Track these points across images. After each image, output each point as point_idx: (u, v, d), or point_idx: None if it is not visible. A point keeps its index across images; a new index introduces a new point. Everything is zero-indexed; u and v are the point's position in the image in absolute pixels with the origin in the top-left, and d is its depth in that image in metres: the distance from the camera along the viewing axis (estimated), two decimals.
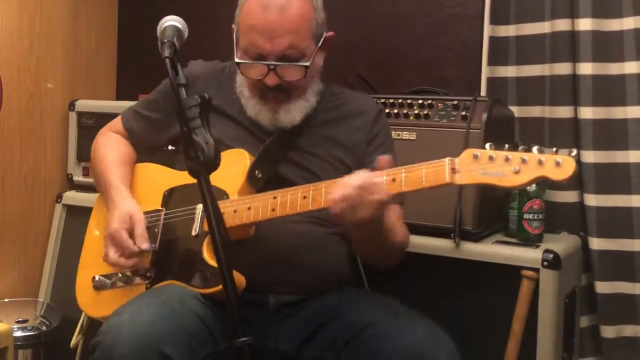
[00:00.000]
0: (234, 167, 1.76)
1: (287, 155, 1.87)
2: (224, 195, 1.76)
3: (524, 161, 1.35)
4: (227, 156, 1.59)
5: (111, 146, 2.05)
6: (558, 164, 1.32)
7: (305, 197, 1.62)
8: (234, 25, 1.88)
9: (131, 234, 1.78)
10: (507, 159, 1.37)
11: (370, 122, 1.96)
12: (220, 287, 1.61)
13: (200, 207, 1.79)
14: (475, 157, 1.41)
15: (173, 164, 2.00)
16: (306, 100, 1.88)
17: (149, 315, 1.54)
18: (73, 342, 2.06)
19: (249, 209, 1.70)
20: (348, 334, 1.69)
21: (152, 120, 2.04)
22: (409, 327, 1.65)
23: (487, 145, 1.42)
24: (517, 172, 1.36)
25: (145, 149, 2.09)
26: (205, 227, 1.73)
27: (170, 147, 2.37)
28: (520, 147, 1.39)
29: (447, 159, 1.45)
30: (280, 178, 1.84)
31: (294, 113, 1.86)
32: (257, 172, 1.81)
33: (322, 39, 1.85)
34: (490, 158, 1.39)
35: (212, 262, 1.70)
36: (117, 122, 2.11)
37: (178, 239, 1.81)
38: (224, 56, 2.06)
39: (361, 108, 1.99)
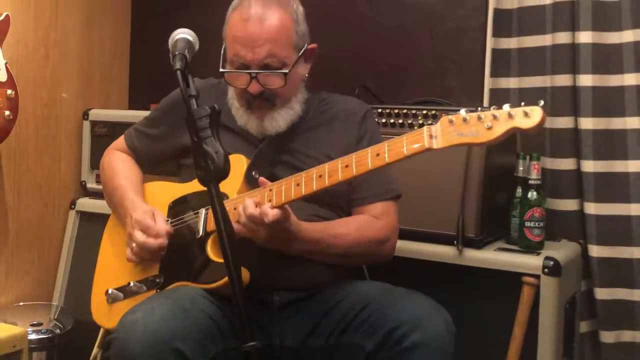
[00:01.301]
0: (232, 171, 1.79)
1: (281, 158, 1.91)
2: (224, 197, 1.77)
3: (495, 117, 1.39)
4: None
5: (120, 164, 2.10)
6: (526, 114, 1.37)
7: (298, 185, 1.65)
8: (224, 41, 1.94)
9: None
10: (479, 118, 1.41)
11: (358, 122, 1.99)
12: (226, 279, 1.63)
13: (203, 210, 1.82)
14: (451, 121, 1.45)
15: (180, 175, 2.04)
16: (290, 108, 1.92)
17: (161, 312, 1.56)
18: (93, 356, 2.10)
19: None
20: (349, 317, 1.73)
21: (153, 137, 2.08)
22: (406, 299, 1.70)
23: (462, 110, 1.45)
24: (489, 128, 1.40)
25: (149, 163, 2.13)
26: (209, 228, 1.78)
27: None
28: (492, 107, 1.43)
29: (425, 127, 1.49)
30: (276, 179, 1.83)
31: (278, 121, 1.90)
32: (254, 172, 1.84)
33: (303, 50, 1.89)
34: (465, 120, 1.43)
35: (216, 258, 1.73)
36: (120, 141, 2.16)
37: (183, 243, 1.83)
38: None
39: (349, 109, 2.02)
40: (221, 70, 1.86)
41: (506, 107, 1.40)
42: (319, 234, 1.78)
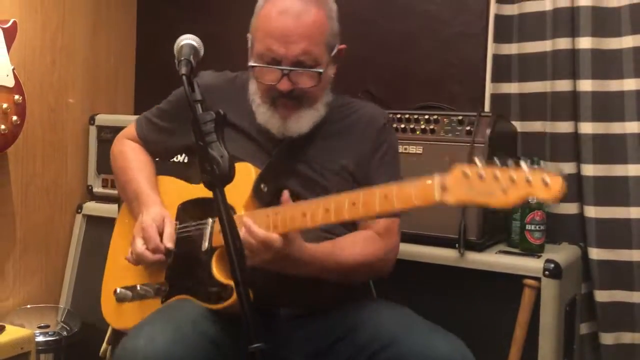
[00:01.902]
0: (239, 181, 1.66)
1: (294, 168, 1.85)
2: (230, 209, 1.72)
3: (512, 180, 1.31)
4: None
5: (132, 154, 2.05)
6: (546, 184, 1.28)
7: (304, 215, 1.59)
8: (249, 35, 1.86)
9: (160, 234, 1.78)
10: (495, 178, 1.33)
11: (376, 131, 1.92)
12: (227, 302, 1.65)
13: (210, 221, 1.78)
14: (465, 175, 1.37)
15: (187, 177, 2.00)
16: (316, 110, 1.85)
17: (163, 341, 1.54)
18: (102, 351, 2.10)
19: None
20: (367, 352, 1.67)
21: (164, 129, 2.02)
22: (433, 341, 1.62)
23: (477, 160, 1.37)
24: (505, 192, 1.32)
25: (159, 155, 2.08)
26: (214, 243, 1.74)
27: (180, 159, 2.40)
28: (508, 162, 1.35)
29: (436, 177, 1.41)
30: (292, 195, 1.76)
31: (303, 122, 1.83)
32: (262, 185, 1.77)
33: (335, 50, 1.82)
34: (480, 176, 1.35)
35: (221, 278, 1.70)
36: (131, 129, 2.09)
37: (190, 254, 1.80)
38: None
39: (368, 117, 1.94)
40: (250, 64, 1.79)
41: (524, 166, 1.31)
42: (322, 262, 1.70)
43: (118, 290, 1.85)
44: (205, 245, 1.76)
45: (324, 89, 1.86)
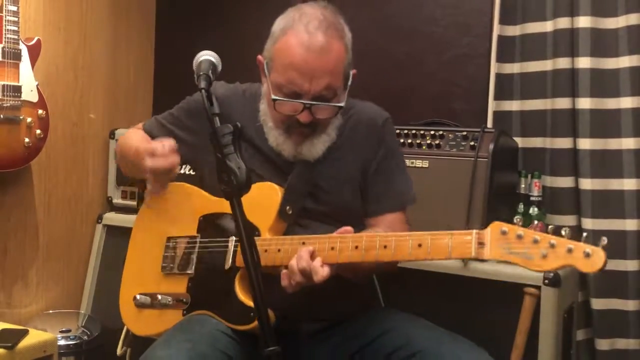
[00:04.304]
0: (265, 201, 1.69)
1: (309, 188, 1.82)
2: (255, 230, 1.71)
3: (552, 246, 1.28)
4: (258, 188, 1.60)
5: (132, 134, 2.01)
6: (587, 256, 1.25)
7: (333, 249, 1.57)
8: (261, 57, 1.82)
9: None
10: (535, 241, 1.30)
11: (376, 132, 1.89)
12: (251, 325, 1.66)
13: (233, 239, 1.76)
14: (504, 233, 1.34)
15: (205, 189, 1.96)
16: (328, 135, 1.82)
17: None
18: (119, 351, 2.08)
19: (279, 251, 1.66)
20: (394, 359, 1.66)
21: (170, 132, 1.95)
22: (459, 352, 1.61)
23: (516, 219, 1.36)
24: (544, 257, 1.29)
25: None
26: (238, 262, 1.73)
27: (184, 170, 2.39)
28: (549, 228, 1.31)
29: (474, 232, 1.38)
30: (306, 210, 1.80)
31: (317, 147, 1.80)
32: (287, 208, 1.76)
33: (350, 78, 1.80)
34: (519, 237, 1.32)
35: (244, 299, 1.70)
36: (138, 125, 2.07)
37: (212, 269, 1.78)
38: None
39: (369, 117, 1.91)
40: (272, 97, 1.73)
41: (565, 233, 1.28)
42: (347, 267, 1.65)
43: (138, 297, 1.87)
44: (229, 264, 1.75)
45: (337, 116, 1.84)
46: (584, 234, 1.30)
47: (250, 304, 1.67)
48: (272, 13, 1.85)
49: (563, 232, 1.28)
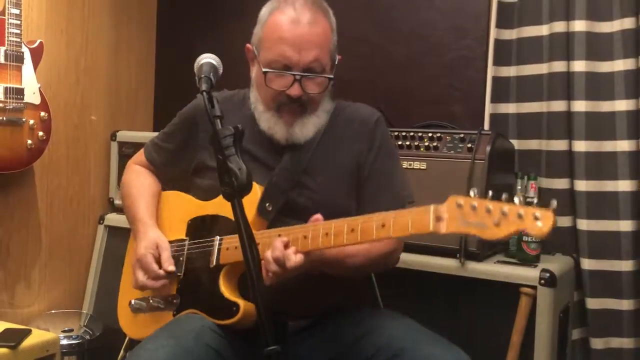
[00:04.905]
0: (244, 200, 1.62)
1: (296, 180, 1.82)
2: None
3: (504, 214, 1.29)
4: None
5: (136, 180, 2.05)
6: (537, 219, 1.25)
7: (305, 237, 1.60)
8: (249, 45, 1.86)
9: (157, 260, 1.79)
10: (488, 210, 1.31)
11: (369, 130, 1.90)
12: (234, 319, 1.69)
13: (217, 238, 1.79)
14: (459, 205, 1.35)
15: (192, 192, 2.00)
16: (317, 117, 1.84)
17: (164, 356, 1.55)
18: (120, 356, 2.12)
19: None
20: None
21: (170, 151, 2.02)
22: (436, 352, 1.61)
23: (471, 192, 1.36)
24: (497, 225, 1.30)
25: (167, 175, 2.08)
26: (222, 260, 1.75)
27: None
28: (503, 196, 1.31)
29: (432, 207, 1.40)
30: (290, 204, 1.80)
31: (308, 127, 1.82)
32: (267, 204, 1.76)
33: (336, 60, 1.84)
34: (473, 208, 1.33)
35: (227, 294, 1.73)
36: (140, 156, 2.11)
37: (199, 269, 1.81)
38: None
39: (360, 117, 1.92)
40: (264, 69, 1.76)
41: (517, 201, 1.29)
42: (330, 263, 1.69)
43: (133, 302, 1.90)
44: (213, 262, 1.77)
45: (325, 95, 1.87)
46: (535, 200, 1.30)
47: (233, 298, 1.72)
48: None
49: (516, 200, 1.29)
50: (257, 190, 1.76)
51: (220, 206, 1.80)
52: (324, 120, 1.87)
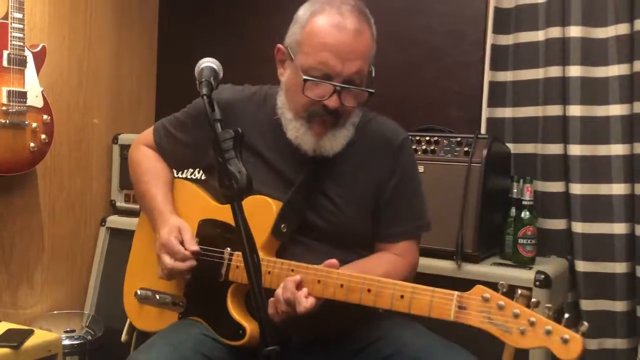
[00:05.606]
0: (258, 217, 1.61)
1: (313, 201, 1.74)
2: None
3: (531, 324, 1.25)
4: (251, 203, 1.55)
5: (147, 164, 1.96)
6: (565, 342, 1.21)
7: (319, 282, 1.54)
8: (281, 46, 1.75)
9: (181, 243, 1.73)
10: (515, 315, 1.26)
11: (392, 153, 1.80)
12: (241, 342, 1.66)
13: (228, 251, 1.74)
14: (486, 299, 1.31)
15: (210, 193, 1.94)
16: (347, 130, 1.74)
17: None
18: (123, 338, 2.07)
19: (269, 273, 1.63)
20: None
21: (180, 141, 1.92)
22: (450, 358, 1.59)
23: (500, 285, 1.32)
24: (522, 333, 1.25)
25: (173, 164, 1.99)
26: (230, 277, 1.71)
27: (197, 175, 2.40)
28: (531, 301, 1.28)
29: (455, 294, 1.34)
30: (306, 224, 1.73)
31: (338, 140, 1.72)
32: (282, 226, 1.69)
33: (372, 73, 1.74)
34: (500, 307, 1.28)
35: (235, 314, 1.69)
36: (148, 136, 1.99)
37: (206, 278, 1.76)
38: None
39: (385, 136, 1.82)
40: (305, 77, 1.63)
41: (545, 311, 1.26)
42: (342, 304, 1.58)
43: (139, 292, 1.88)
44: (222, 277, 1.73)
45: (356, 111, 1.77)
46: (566, 315, 1.26)
47: (242, 321, 1.69)
48: (272, 20, 1.85)
49: (546, 310, 1.25)
50: (272, 209, 1.71)
51: None
52: (352, 133, 1.76)
